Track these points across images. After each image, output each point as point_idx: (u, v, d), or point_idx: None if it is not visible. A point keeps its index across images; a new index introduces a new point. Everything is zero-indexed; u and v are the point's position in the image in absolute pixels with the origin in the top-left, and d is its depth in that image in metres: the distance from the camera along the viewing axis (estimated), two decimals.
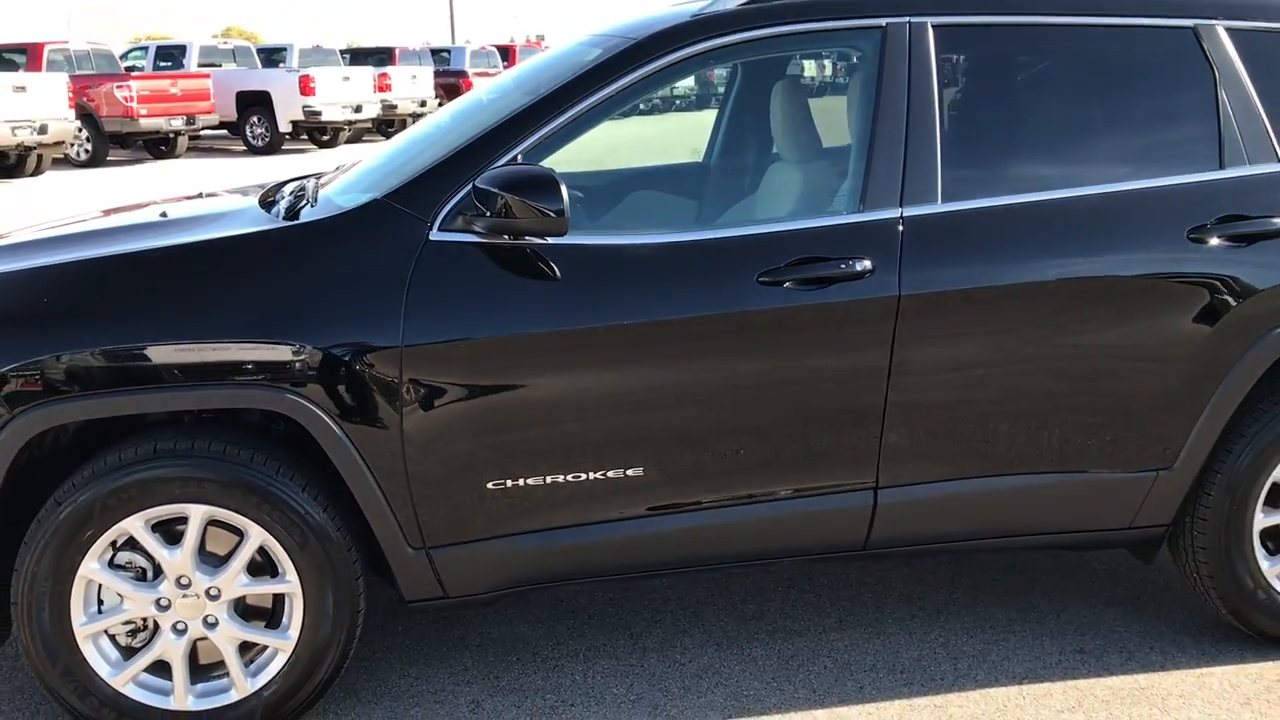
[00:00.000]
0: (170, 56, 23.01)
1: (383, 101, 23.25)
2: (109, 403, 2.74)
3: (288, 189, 3.51)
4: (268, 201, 3.34)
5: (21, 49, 19.86)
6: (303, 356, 2.75)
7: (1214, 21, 3.20)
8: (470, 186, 2.81)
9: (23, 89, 16.66)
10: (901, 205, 2.98)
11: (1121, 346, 3.06)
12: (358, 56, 27.83)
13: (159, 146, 20.85)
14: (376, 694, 3.18)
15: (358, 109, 22.42)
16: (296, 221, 2.99)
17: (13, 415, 2.70)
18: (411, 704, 3.14)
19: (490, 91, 3.64)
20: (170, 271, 2.87)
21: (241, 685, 2.92)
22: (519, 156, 2.89)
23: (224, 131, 23.19)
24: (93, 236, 3.21)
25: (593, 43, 3.28)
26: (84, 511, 2.75)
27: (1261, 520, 3.25)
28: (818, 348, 2.94)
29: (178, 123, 19.99)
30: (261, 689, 2.92)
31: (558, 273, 2.86)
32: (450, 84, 26.17)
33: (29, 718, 3.09)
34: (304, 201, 3.22)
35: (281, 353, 2.75)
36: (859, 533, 3.09)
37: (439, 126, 3.48)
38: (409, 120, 24.71)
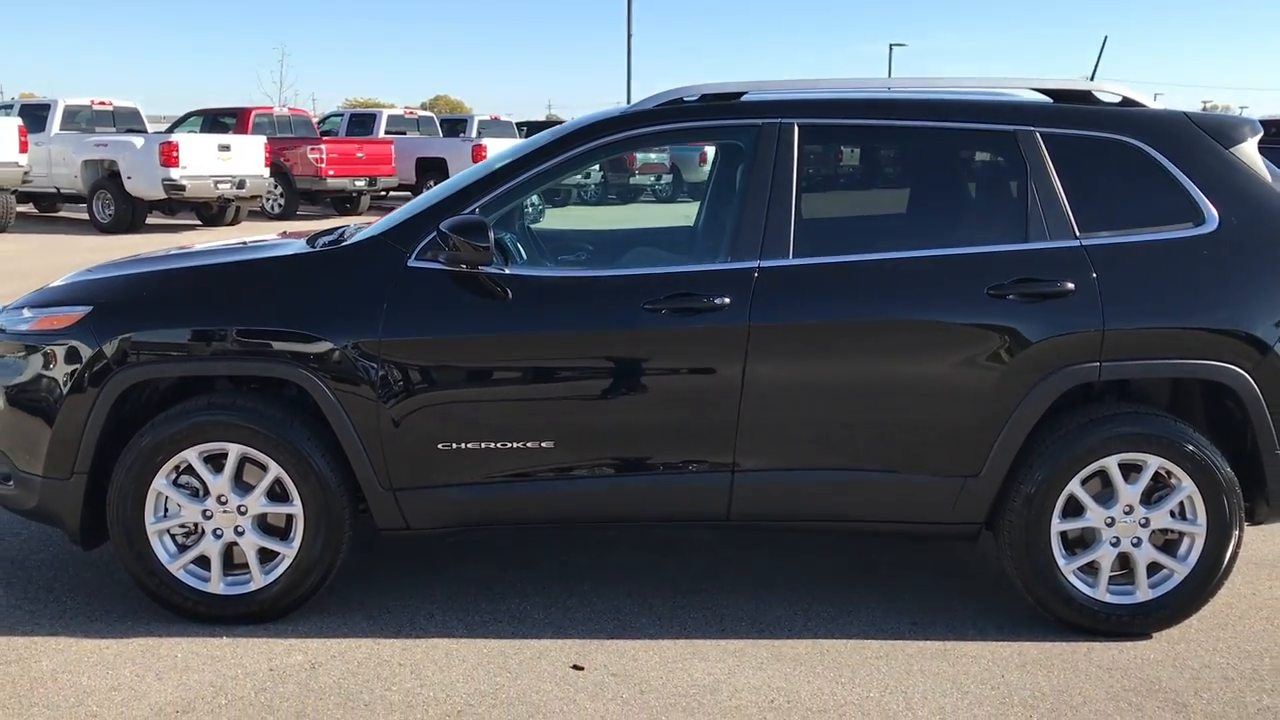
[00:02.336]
0: (362, 123, 25.33)
1: None
2: (173, 367, 3.95)
3: (337, 230, 4.70)
4: (318, 238, 4.53)
5: (233, 113, 22.37)
6: (313, 342, 3.89)
7: (1032, 128, 4.07)
8: (436, 230, 3.92)
9: (227, 148, 18.89)
10: (760, 258, 3.95)
11: (931, 375, 3.93)
12: (533, 129, 29.78)
13: (344, 204, 23.00)
14: (362, 602, 4.27)
15: None
16: (319, 249, 4.16)
17: (115, 372, 3.93)
18: (384, 610, 4.21)
19: (491, 159, 4.76)
20: (227, 280, 4.08)
21: (257, 579, 4.05)
22: (477, 209, 4.00)
23: (406, 193, 25.29)
24: (192, 255, 4.45)
25: (558, 129, 4.36)
26: (157, 443, 3.94)
27: (1059, 525, 4.03)
28: (686, 360, 3.92)
29: (361, 183, 22.07)
30: (271, 584, 4.04)
31: (509, 294, 3.93)
32: (616, 158, 27.73)
33: (125, 595, 4.28)
34: (343, 238, 4.39)
35: (299, 338, 3.90)
36: (721, 506, 4.03)
37: (444, 184, 4.61)
38: (574, 192, 26.30)
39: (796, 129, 4.05)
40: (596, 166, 21.60)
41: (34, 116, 19.60)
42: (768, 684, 3.71)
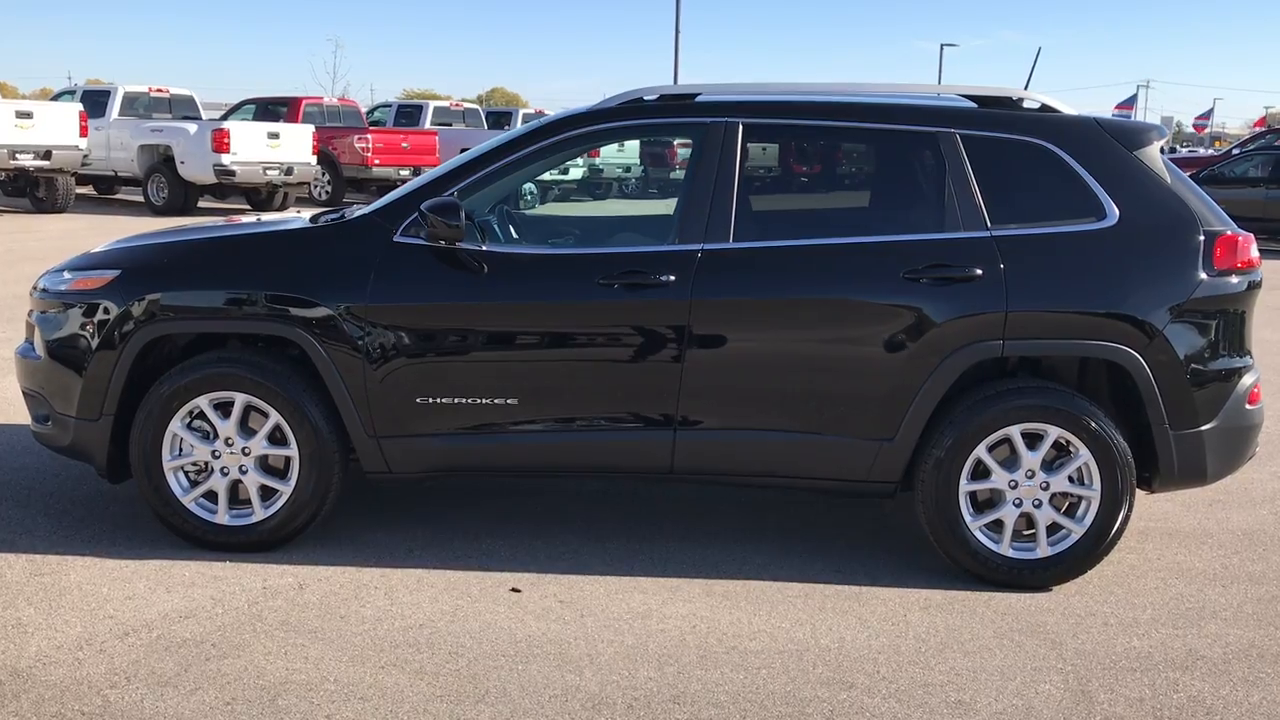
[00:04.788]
0: (409, 115, 26.06)
1: (590, 166, 25.57)
2: (188, 325, 4.54)
3: (339, 210, 5.26)
4: (320, 216, 5.10)
5: (284, 102, 23.18)
6: (310, 306, 4.46)
7: (952, 130, 4.55)
8: (418, 210, 4.47)
9: (276, 136, 19.65)
10: (704, 241, 4.46)
11: (851, 349, 4.42)
12: None
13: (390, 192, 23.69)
14: (351, 539, 4.85)
15: (565, 171, 24.75)
16: (319, 225, 4.73)
17: (139, 328, 4.52)
18: (369, 545, 4.78)
19: (473, 149, 5.30)
20: (239, 250, 4.66)
21: (258, 513, 4.62)
22: (455, 193, 4.55)
23: None
24: (212, 228, 5.04)
25: (532, 123, 4.90)
26: (174, 391, 4.53)
27: (967, 486, 4.50)
28: (634, 329, 4.44)
29: (405, 173, 22.73)
30: (269, 517, 4.62)
31: (483, 267, 4.47)
32: (657, 153, 28.30)
33: (145, 525, 4.88)
34: (342, 217, 4.96)
35: (298, 302, 4.47)
36: (665, 460, 4.55)
37: (430, 170, 5.15)
38: (615, 185, 27.07)
39: (740, 128, 4.56)
40: (637, 161, 22.17)
41: (94, 102, 20.50)
42: (694, 613, 4.23)
